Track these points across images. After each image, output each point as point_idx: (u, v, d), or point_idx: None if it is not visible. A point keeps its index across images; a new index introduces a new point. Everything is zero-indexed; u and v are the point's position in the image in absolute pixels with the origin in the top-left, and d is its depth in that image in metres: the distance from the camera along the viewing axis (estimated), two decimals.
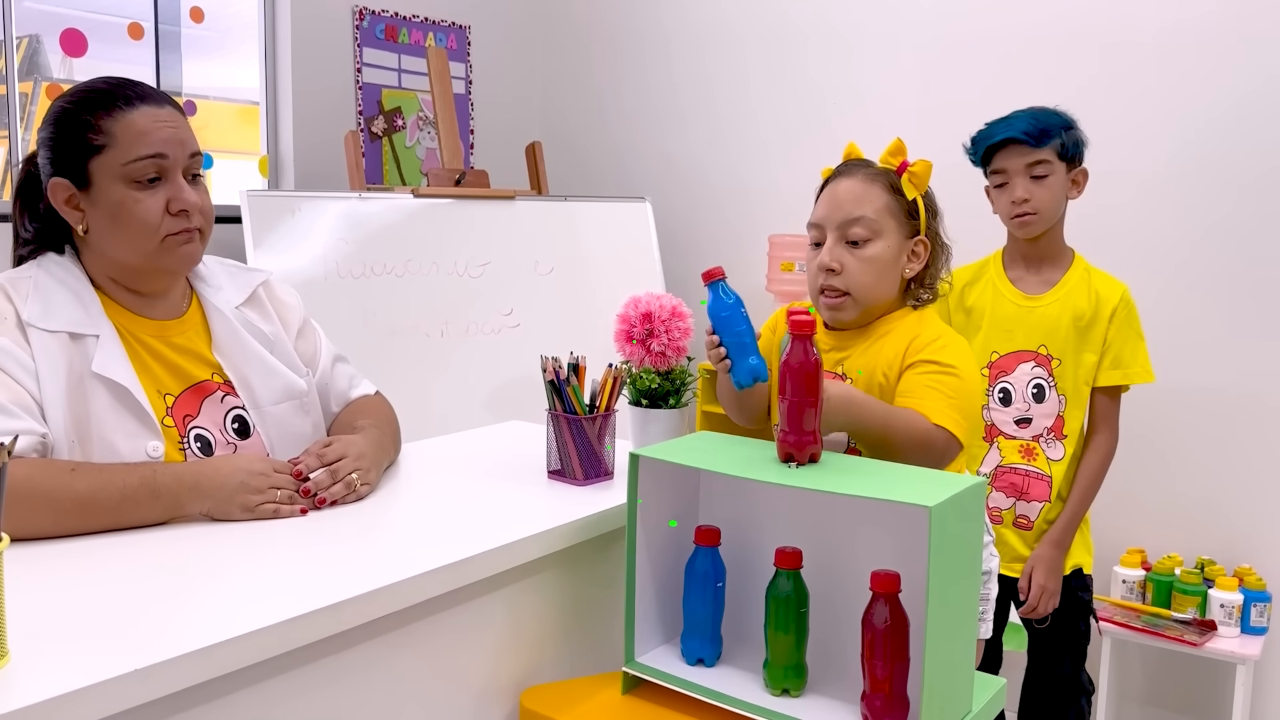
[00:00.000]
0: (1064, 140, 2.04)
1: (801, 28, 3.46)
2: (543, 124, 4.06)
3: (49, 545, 1.15)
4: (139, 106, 1.33)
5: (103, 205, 1.33)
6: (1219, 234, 2.71)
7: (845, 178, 1.55)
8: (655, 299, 1.51)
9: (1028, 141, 2.02)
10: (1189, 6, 2.72)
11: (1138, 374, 2.09)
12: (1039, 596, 2.07)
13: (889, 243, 1.51)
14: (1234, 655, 2.50)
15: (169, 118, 1.35)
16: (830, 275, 1.52)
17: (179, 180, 1.35)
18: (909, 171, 1.52)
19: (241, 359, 1.46)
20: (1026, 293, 2.12)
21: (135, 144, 1.31)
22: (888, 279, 1.53)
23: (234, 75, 3.44)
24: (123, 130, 1.31)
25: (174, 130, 1.34)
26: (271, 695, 0.98)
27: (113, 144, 1.31)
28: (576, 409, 1.46)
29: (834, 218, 1.52)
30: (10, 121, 2.85)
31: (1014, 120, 2.05)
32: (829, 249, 1.52)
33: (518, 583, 1.24)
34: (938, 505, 0.99)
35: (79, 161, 1.32)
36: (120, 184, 1.32)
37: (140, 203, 1.32)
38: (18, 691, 0.79)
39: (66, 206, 1.35)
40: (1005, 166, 2.06)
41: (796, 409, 1.16)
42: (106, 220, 1.34)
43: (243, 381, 1.45)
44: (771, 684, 1.14)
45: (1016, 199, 2.04)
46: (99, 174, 1.32)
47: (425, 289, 3.06)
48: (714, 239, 3.70)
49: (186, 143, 1.36)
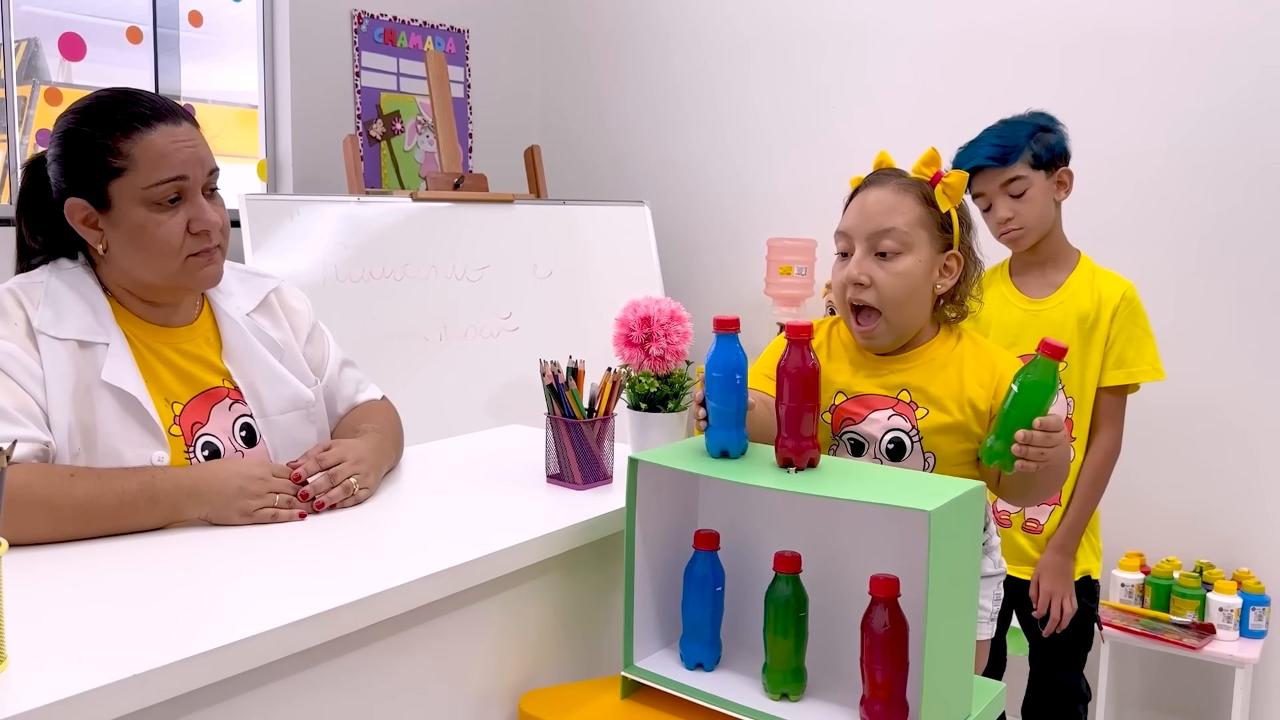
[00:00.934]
0: (1034, 150, 2.03)
1: (802, 31, 3.46)
2: (541, 127, 4.07)
3: (48, 550, 1.15)
4: (157, 127, 1.31)
5: (123, 227, 1.32)
6: (1218, 238, 2.71)
7: (876, 187, 1.50)
8: (654, 303, 1.51)
9: (994, 165, 2.02)
10: (1193, 4, 2.72)
11: (1144, 372, 2.07)
12: (1048, 603, 2.05)
13: (920, 257, 1.46)
14: (1233, 659, 2.50)
15: (187, 135, 1.34)
16: (859, 290, 1.47)
17: (199, 200, 1.35)
18: (943, 183, 1.47)
19: (251, 367, 1.46)
20: (1031, 296, 2.11)
21: (156, 167, 1.30)
22: (919, 295, 1.48)
23: (233, 79, 3.44)
24: (142, 153, 1.30)
25: (193, 150, 1.33)
26: (271, 699, 0.98)
27: (132, 167, 1.30)
28: (575, 413, 1.46)
29: (863, 229, 1.47)
30: (9, 125, 2.85)
31: (979, 145, 2.06)
32: (857, 261, 1.47)
33: (517, 587, 1.24)
34: (937, 510, 0.99)
35: (97, 184, 1.31)
36: (141, 207, 1.31)
37: (162, 225, 1.32)
38: (17, 697, 0.79)
39: (84, 226, 1.34)
40: (983, 190, 2.06)
41: (794, 414, 1.16)
42: (127, 241, 1.33)
43: (251, 389, 1.45)
44: (771, 688, 1.14)
45: (1000, 219, 2.05)
46: (118, 197, 1.31)
47: (424, 293, 3.06)
48: (713, 243, 3.70)
49: (205, 160, 1.35)
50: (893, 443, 1.49)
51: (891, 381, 1.51)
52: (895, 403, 1.49)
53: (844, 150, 3.28)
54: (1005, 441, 1.29)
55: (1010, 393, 1.30)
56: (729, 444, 1.21)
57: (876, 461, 1.50)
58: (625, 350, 1.51)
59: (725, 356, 1.21)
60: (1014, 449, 1.30)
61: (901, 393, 1.50)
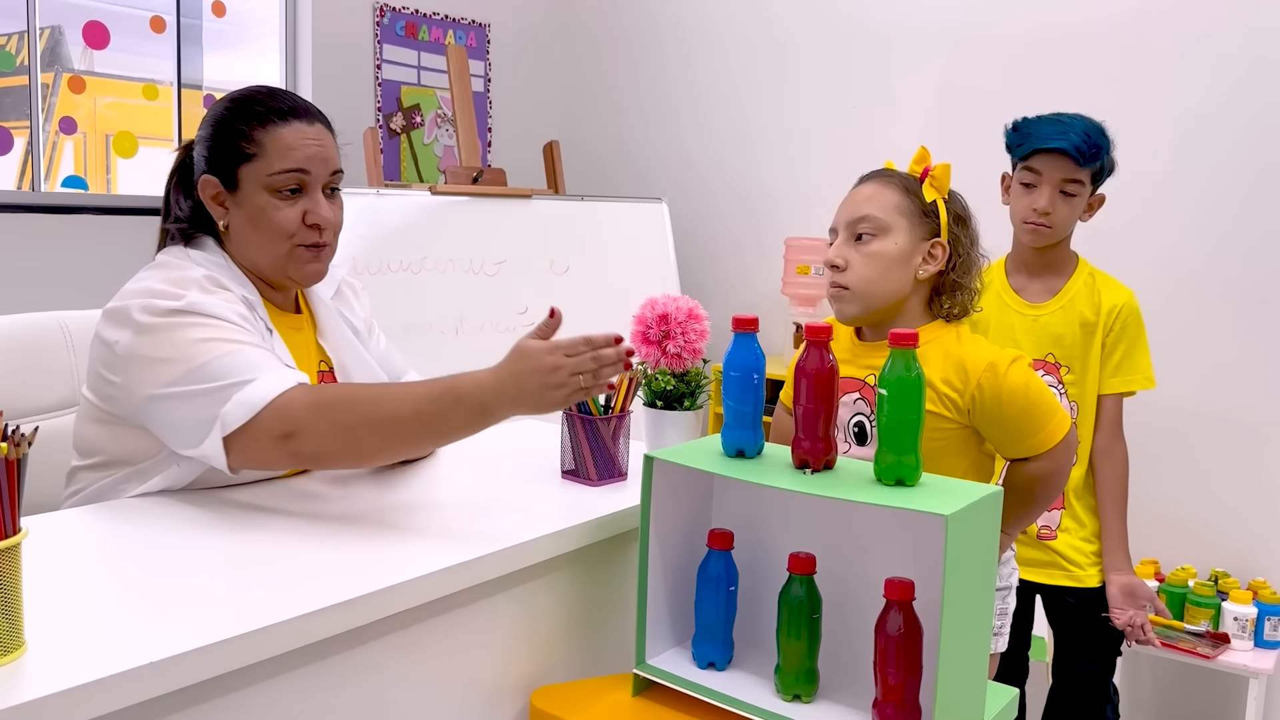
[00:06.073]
0: (1104, 164, 2.00)
1: (822, 30, 3.45)
2: (561, 123, 4.07)
3: (66, 539, 1.16)
4: (291, 123, 1.41)
5: (245, 208, 1.42)
6: (1232, 243, 2.69)
7: (865, 183, 1.55)
8: (672, 300, 1.51)
9: (1075, 158, 1.95)
10: (1206, 9, 2.70)
11: (1139, 380, 2.06)
12: (1141, 626, 2.05)
13: (896, 240, 1.49)
14: (1247, 669, 2.48)
15: (316, 135, 1.43)
16: (835, 272, 1.52)
17: (317, 195, 1.44)
18: (930, 175, 1.51)
19: (343, 347, 1.56)
20: (1030, 301, 2.09)
21: (281, 157, 1.40)
22: (893, 276, 1.50)
23: (254, 69, 3.45)
24: (272, 143, 1.40)
25: (320, 149, 1.43)
26: (285, 690, 0.99)
27: (262, 154, 1.40)
28: (591, 409, 1.46)
29: (843, 218, 1.54)
30: (32, 111, 2.87)
31: (1069, 129, 1.97)
32: (836, 246, 1.53)
33: (530, 582, 1.24)
34: (954, 514, 0.98)
35: (230, 165, 1.41)
36: (264, 192, 1.41)
37: (279, 210, 1.41)
38: (34, 682, 0.80)
39: (213, 203, 1.44)
40: (1041, 171, 1.99)
41: (812, 415, 1.15)
42: (246, 222, 1.42)
43: (342, 369, 1.54)
44: (783, 689, 1.14)
45: (1040, 208, 1.98)
46: (246, 179, 1.41)
47: (441, 286, 3.06)
48: (730, 241, 3.70)
49: (330, 161, 1.45)
50: (856, 426, 1.52)
51: (863, 364, 1.53)
52: (862, 386, 1.51)
53: (863, 149, 3.27)
54: (893, 452, 1.09)
55: (881, 397, 1.13)
56: (745, 443, 1.20)
57: (845, 444, 1.52)
58: (642, 348, 1.51)
59: (743, 356, 1.21)
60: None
61: (869, 377, 1.52)
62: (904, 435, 1.09)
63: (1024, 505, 1.53)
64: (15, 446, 0.82)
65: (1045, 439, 1.48)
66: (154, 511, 1.26)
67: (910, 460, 1.09)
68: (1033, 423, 1.48)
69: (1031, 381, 1.48)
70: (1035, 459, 1.50)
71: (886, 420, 1.10)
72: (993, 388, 1.46)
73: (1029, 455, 1.50)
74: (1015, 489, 1.48)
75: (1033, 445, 1.49)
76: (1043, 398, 1.49)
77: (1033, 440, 1.48)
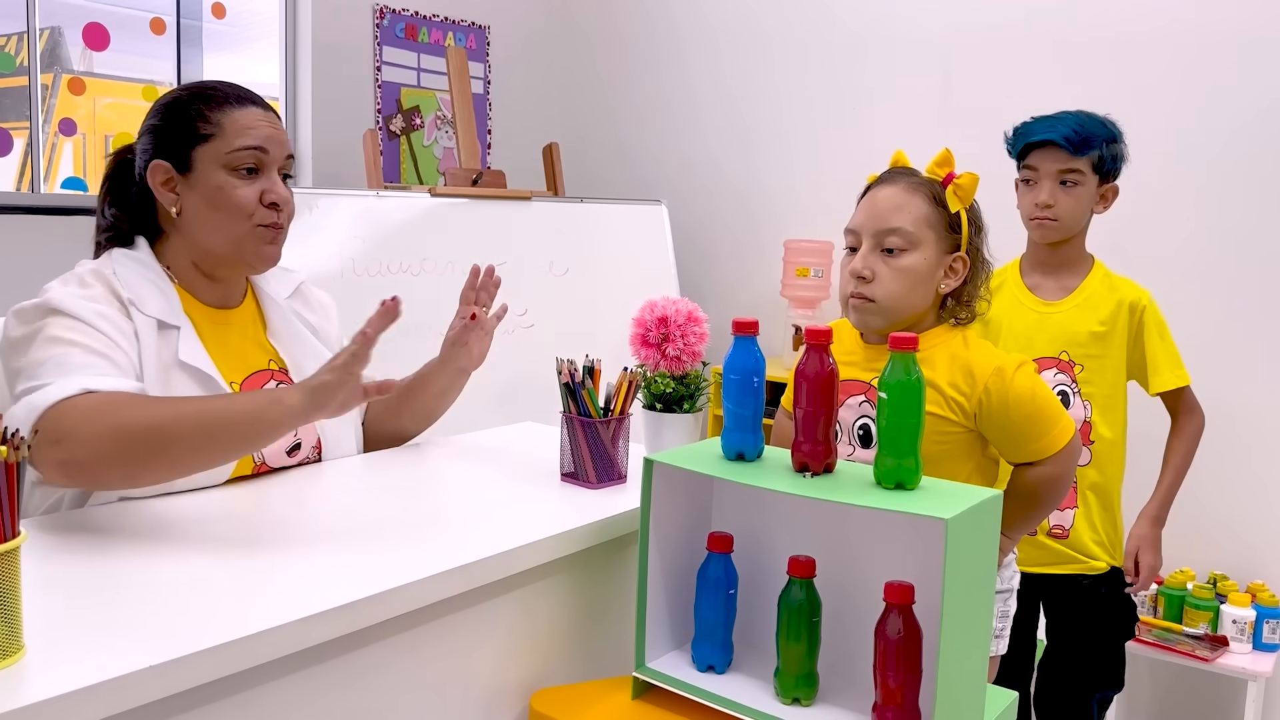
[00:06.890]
0: (1103, 153, 2.01)
1: (822, 30, 3.45)
2: (560, 125, 4.07)
3: (64, 540, 1.16)
4: (247, 106, 1.45)
5: (200, 189, 1.42)
6: (1231, 247, 2.69)
7: (887, 185, 1.51)
8: (672, 303, 1.51)
9: (1066, 148, 1.99)
10: (1216, 9, 2.71)
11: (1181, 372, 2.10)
12: (1149, 576, 2.11)
13: (925, 255, 1.48)
14: (1245, 672, 2.49)
15: (271, 120, 1.47)
16: (861, 283, 1.49)
17: (274, 176, 1.46)
18: (955, 184, 1.48)
19: (295, 345, 1.55)
20: (1044, 299, 2.10)
21: (241, 135, 1.42)
22: (919, 292, 1.49)
23: (254, 71, 3.45)
24: (230, 123, 1.42)
25: (275, 131, 1.46)
26: (284, 693, 0.98)
27: (220, 134, 1.42)
28: (591, 412, 1.46)
29: (870, 225, 1.49)
30: (31, 112, 2.87)
31: (1059, 122, 2.01)
32: (862, 256, 1.49)
33: (529, 585, 1.24)
34: (954, 517, 0.98)
35: (183, 148, 1.42)
36: (221, 170, 1.42)
37: (237, 189, 1.42)
38: (33, 686, 0.80)
39: (163, 188, 1.43)
40: (1037, 166, 2.03)
41: (811, 419, 1.15)
42: (202, 203, 1.42)
43: (296, 367, 1.53)
44: (782, 692, 1.14)
45: (1040, 201, 2.02)
46: (201, 160, 1.42)
47: (441, 288, 3.05)
48: (729, 243, 3.70)
49: (284, 144, 1.48)
50: (862, 429, 1.51)
51: (868, 367, 1.52)
52: (868, 389, 1.51)
53: (862, 151, 3.28)
54: (893, 455, 1.09)
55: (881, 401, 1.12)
56: (745, 447, 1.20)
57: (850, 447, 1.52)
58: (642, 350, 1.51)
59: (743, 359, 1.20)
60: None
61: (875, 379, 1.50)
62: (904, 439, 1.09)
63: (1027, 510, 1.53)
64: (15, 450, 0.82)
65: (1050, 444, 1.48)
66: (153, 514, 1.26)
67: (910, 464, 1.09)
68: (1038, 427, 1.48)
69: (1038, 387, 1.48)
70: (1039, 464, 1.50)
71: (887, 423, 1.09)
72: (999, 392, 1.46)
73: (1033, 460, 1.50)
74: (1019, 493, 1.48)
75: (1037, 450, 1.49)
76: (1049, 403, 1.49)
77: (1037, 445, 1.48)
